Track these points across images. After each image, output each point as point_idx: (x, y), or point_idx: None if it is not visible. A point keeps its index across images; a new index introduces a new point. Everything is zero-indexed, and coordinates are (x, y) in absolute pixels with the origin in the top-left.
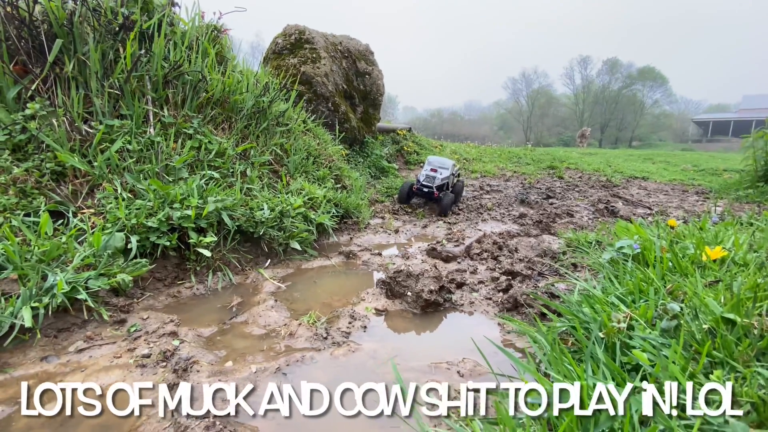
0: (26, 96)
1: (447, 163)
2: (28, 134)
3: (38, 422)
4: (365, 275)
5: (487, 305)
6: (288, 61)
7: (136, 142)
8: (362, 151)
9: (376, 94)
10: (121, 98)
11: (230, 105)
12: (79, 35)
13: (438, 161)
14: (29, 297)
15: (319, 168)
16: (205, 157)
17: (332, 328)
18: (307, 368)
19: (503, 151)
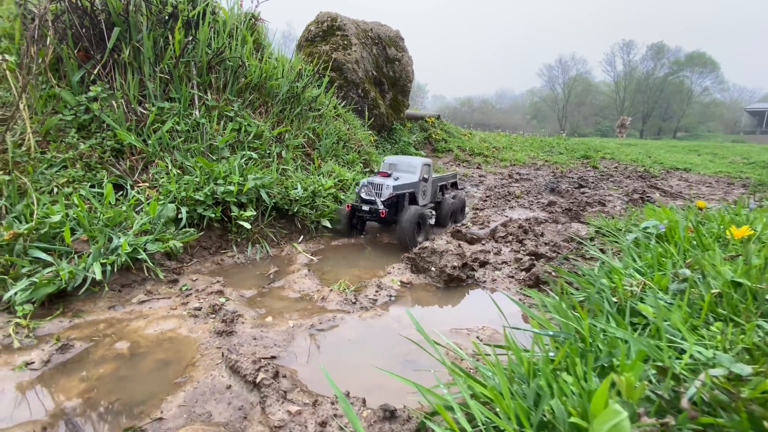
0: (88, 80)
1: (413, 164)
2: (90, 114)
3: (111, 355)
4: (391, 252)
5: (509, 283)
6: (320, 48)
7: (184, 123)
8: (390, 137)
9: (406, 80)
10: (170, 82)
11: (267, 90)
12: (134, 24)
13: (397, 161)
14: (98, 255)
15: (349, 152)
16: (244, 138)
17: (360, 295)
18: (337, 326)
19: (535, 140)
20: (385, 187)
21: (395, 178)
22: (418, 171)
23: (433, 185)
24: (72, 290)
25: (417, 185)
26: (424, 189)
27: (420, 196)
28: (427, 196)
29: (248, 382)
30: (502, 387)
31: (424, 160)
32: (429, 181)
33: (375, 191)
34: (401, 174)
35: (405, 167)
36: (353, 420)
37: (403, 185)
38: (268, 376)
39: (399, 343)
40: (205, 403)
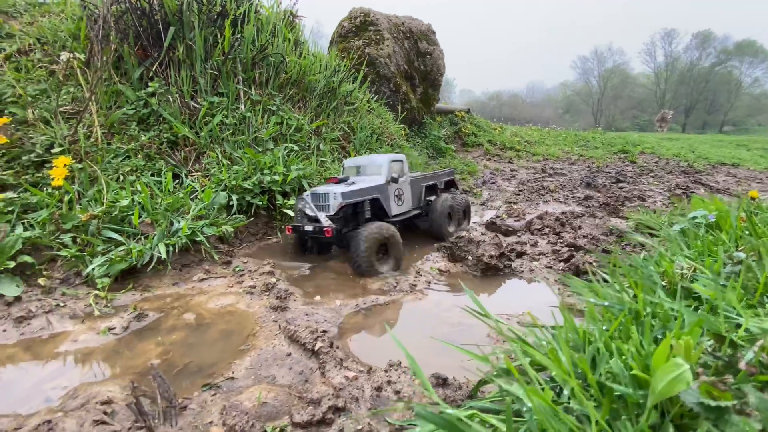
0: (147, 76)
1: (377, 162)
2: (149, 109)
3: (180, 324)
4: (427, 242)
5: (548, 273)
6: (353, 44)
7: (232, 116)
8: (420, 131)
9: (437, 74)
10: (219, 78)
11: (305, 85)
12: (187, 23)
13: (360, 162)
14: (162, 236)
15: (382, 145)
16: (286, 131)
17: (400, 280)
18: (380, 307)
19: (569, 134)
20: (332, 196)
21: (349, 183)
22: (384, 170)
23: (415, 187)
24: (140, 267)
25: (383, 189)
26: (399, 192)
27: (392, 202)
28: (405, 201)
29: (307, 350)
30: (562, 348)
31: (393, 156)
32: (405, 182)
33: (319, 204)
34: (364, 177)
35: (370, 168)
36: (422, 377)
37: (359, 191)
38: (326, 345)
39: (440, 324)
40: (269, 368)
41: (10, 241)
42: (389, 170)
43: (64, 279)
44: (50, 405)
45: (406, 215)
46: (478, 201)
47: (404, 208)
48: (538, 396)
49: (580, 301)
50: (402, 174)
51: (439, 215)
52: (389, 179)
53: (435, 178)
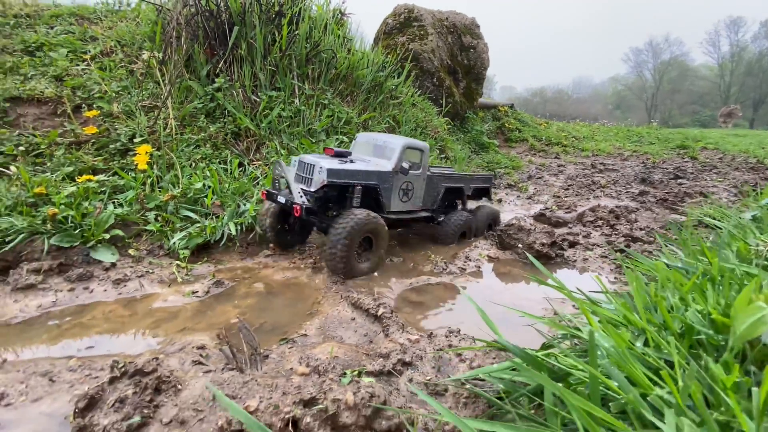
0: (213, 73)
1: (390, 145)
2: (215, 102)
3: (252, 292)
4: None
5: (602, 262)
6: (397, 40)
7: (288, 110)
8: (463, 126)
9: (480, 68)
10: (277, 73)
11: (353, 80)
12: (248, 22)
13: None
14: (232, 216)
15: (426, 138)
16: (337, 123)
17: (450, 264)
18: (431, 286)
19: (620, 129)
20: (317, 169)
21: (346, 160)
22: (395, 155)
23: (431, 185)
24: (213, 243)
25: (387, 177)
26: (407, 186)
27: (394, 195)
28: (413, 199)
29: (370, 315)
30: (637, 303)
31: (412, 141)
32: (419, 176)
33: (303, 175)
34: (370, 158)
35: (381, 149)
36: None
37: (353, 171)
38: (388, 311)
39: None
40: (336, 329)
41: (104, 216)
42: (401, 157)
43: (150, 250)
44: (153, 348)
45: (409, 215)
46: (524, 195)
47: (409, 206)
48: (616, 336)
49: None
50: (418, 166)
51: (454, 228)
52: (398, 168)
53: (462, 181)
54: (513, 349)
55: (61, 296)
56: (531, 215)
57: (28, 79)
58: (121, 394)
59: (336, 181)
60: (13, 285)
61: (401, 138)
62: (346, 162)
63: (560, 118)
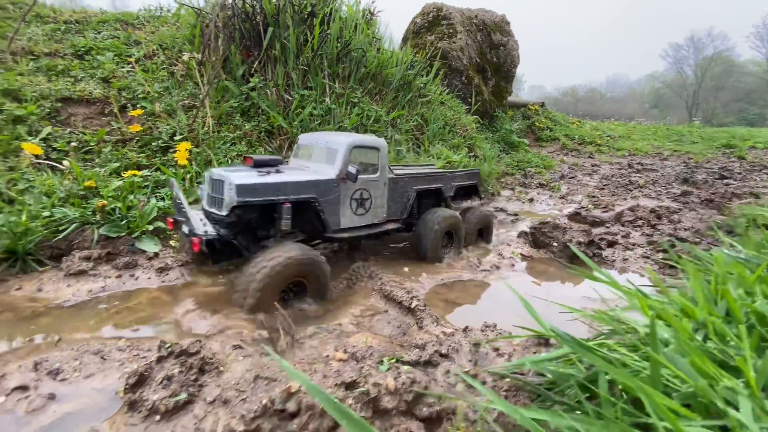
0: (248, 73)
1: (333, 145)
2: (250, 102)
3: None
4: (506, 229)
5: (644, 262)
6: (426, 39)
7: (319, 108)
8: (491, 124)
9: (510, 65)
10: (308, 73)
11: (382, 78)
12: (282, 23)
13: (311, 141)
14: None
15: (454, 137)
16: (366, 122)
17: (483, 261)
18: (463, 283)
19: (659, 128)
20: (227, 187)
21: (271, 170)
22: (339, 158)
23: (397, 190)
24: None
25: (329, 187)
26: (360, 195)
27: (343, 209)
28: (373, 209)
29: (403, 308)
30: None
31: (359, 139)
32: (376, 182)
33: (215, 196)
34: (309, 165)
35: (321, 152)
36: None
37: (275, 186)
38: (421, 304)
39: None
40: (369, 320)
41: (147, 209)
42: (346, 160)
43: None
44: (196, 332)
45: (369, 230)
46: (556, 194)
47: (368, 219)
48: (679, 326)
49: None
50: (374, 168)
51: (429, 234)
52: (344, 173)
53: (440, 180)
54: (564, 336)
55: (109, 282)
56: (565, 215)
57: (78, 80)
58: (168, 372)
59: (251, 200)
60: (66, 271)
61: (346, 135)
62: (266, 174)
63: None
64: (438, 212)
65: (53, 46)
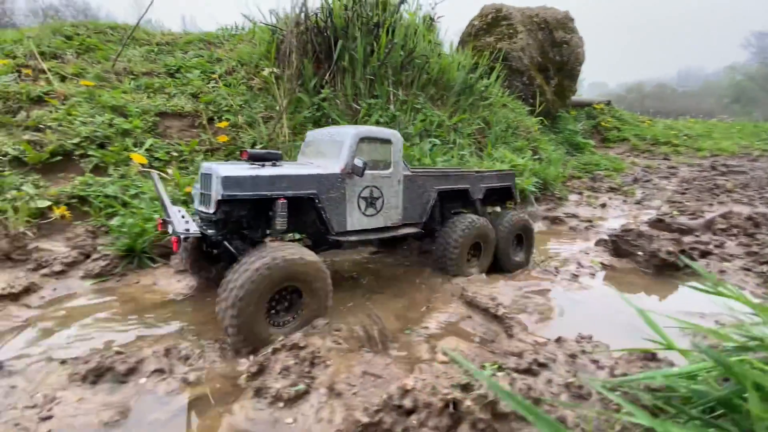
0: (319, 84)
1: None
2: (321, 112)
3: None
4: (580, 237)
5: (745, 275)
6: (484, 41)
7: (385, 115)
8: (554, 125)
9: (574, 63)
10: (374, 82)
11: (443, 83)
12: (351, 36)
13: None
14: None
15: (517, 139)
16: (429, 127)
17: (561, 269)
18: (543, 290)
19: (745, 125)
20: (214, 181)
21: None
22: (345, 151)
23: (414, 188)
24: None
25: (331, 183)
26: (369, 193)
27: (350, 208)
28: (385, 210)
29: (488, 315)
30: None
31: (367, 130)
32: (388, 178)
33: (204, 192)
34: (311, 162)
35: (327, 145)
36: (659, 331)
37: (269, 179)
38: (509, 312)
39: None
40: (455, 325)
41: None
42: (352, 152)
43: None
44: None
45: (381, 234)
46: (631, 199)
47: (379, 221)
48: None
49: None
50: (386, 164)
51: (452, 244)
52: (350, 167)
53: (465, 180)
54: (707, 350)
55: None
56: (644, 222)
57: (172, 96)
58: (284, 363)
59: (239, 194)
60: (175, 268)
61: (352, 128)
62: (259, 167)
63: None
64: (464, 219)
65: (149, 66)
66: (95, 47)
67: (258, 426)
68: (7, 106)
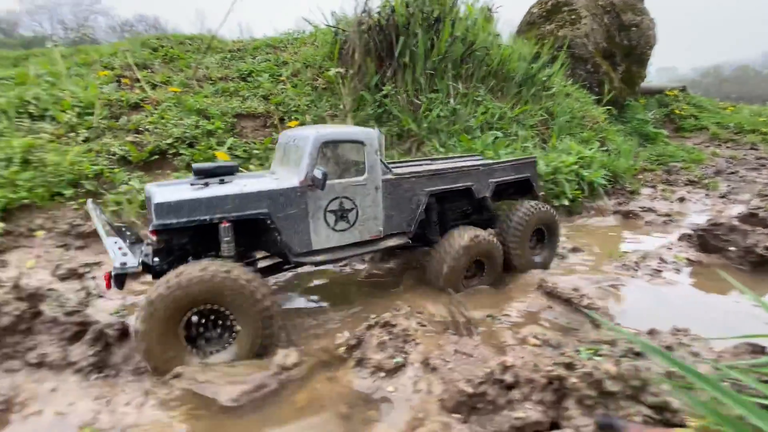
0: (380, 82)
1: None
2: (382, 108)
3: None
4: (658, 231)
5: None
6: (544, 29)
7: (445, 110)
8: (621, 115)
9: (644, 47)
10: (434, 77)
11: (503, 75)
12: (412, 32)
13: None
14: None
15: (583, 130)
16: (491, 119)
17: (641, 264)
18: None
19: None
20: (153, 207)
21: (203, 184)
22: (305, 159)
23: (396, 193)
24: None
25: (286, 198)
26: (339, 205)
27: (314, 225)
28: (359, 221)
29: (570, 305)
30: None
31: (329, 132)
32: (364, 186)
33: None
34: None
35: (290, 152)
36: None
37: (207, 202)
38: (593, 302)
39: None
40: (535, 314)
41: None
42: (313, 160)
43: None
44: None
45: (359, 250)
46: (714, 193)
47: (354, 235)
48: None
49: None
50: (358, 168)
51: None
52: (310, 178)
53: (468, 176)
54: None
55: None
56: (733, 216)
57: (246, 99)
58: (380, 338)
59: (173, 222)
60: None
61: (317, 128)
62: (202, 187)
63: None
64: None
65: (223, 71)
66: (177, 57)
67: (363, 391)
68: (111, 112)
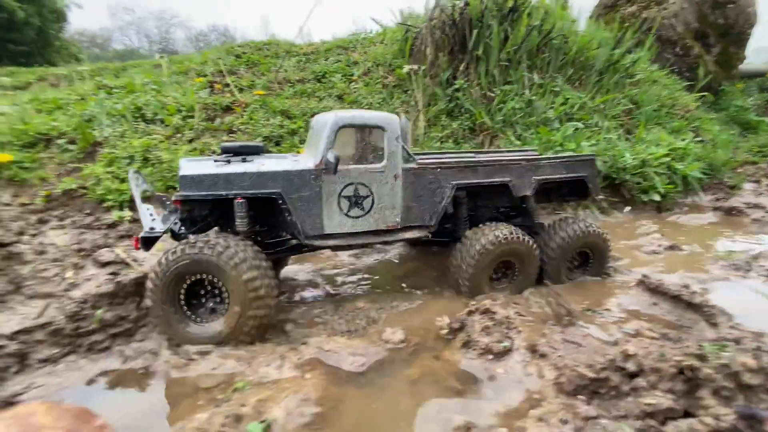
0: (452, 76)
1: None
2: (454, 102)
3: None
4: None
5: None
6: (624, 11)
7: (520, 101)
8: (716, 101)
9: (744, 25)
10: (509, 68)
11: (581, 63)
12: (485, 24)
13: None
14: None
15: (674, 119)
16: (569, 110)
17: (753, 264)
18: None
19: None
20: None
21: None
22: (322, 142)
23: (418, 183)
24: None
25: (300, 180)
26: (354, 191)
27: (327, 209)
28: (375, 209)
29: (680, 302)
30: None
31: (348, 116)
32: (382, 173)
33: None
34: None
35: (314, 135)
36: None
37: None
38: (706, 300)
39: None
40: (639, 310)
41: None
42: (329, 144)
43: None
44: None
45: (373, 238)
46: None
47: (369, 223)
48: None
49: None
50: (377, 154)
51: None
52: (326, 162)
53: (504, 171)
54: None
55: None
56: None
57: (321, 99)
58: (483, 324)
59: (194, 194)
60: None
61: (331, 114)
62: (224, 163)
63: None
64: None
65: (300, 74)
66: (258, 62)
67: (471, 371)
68: (207, 115)
